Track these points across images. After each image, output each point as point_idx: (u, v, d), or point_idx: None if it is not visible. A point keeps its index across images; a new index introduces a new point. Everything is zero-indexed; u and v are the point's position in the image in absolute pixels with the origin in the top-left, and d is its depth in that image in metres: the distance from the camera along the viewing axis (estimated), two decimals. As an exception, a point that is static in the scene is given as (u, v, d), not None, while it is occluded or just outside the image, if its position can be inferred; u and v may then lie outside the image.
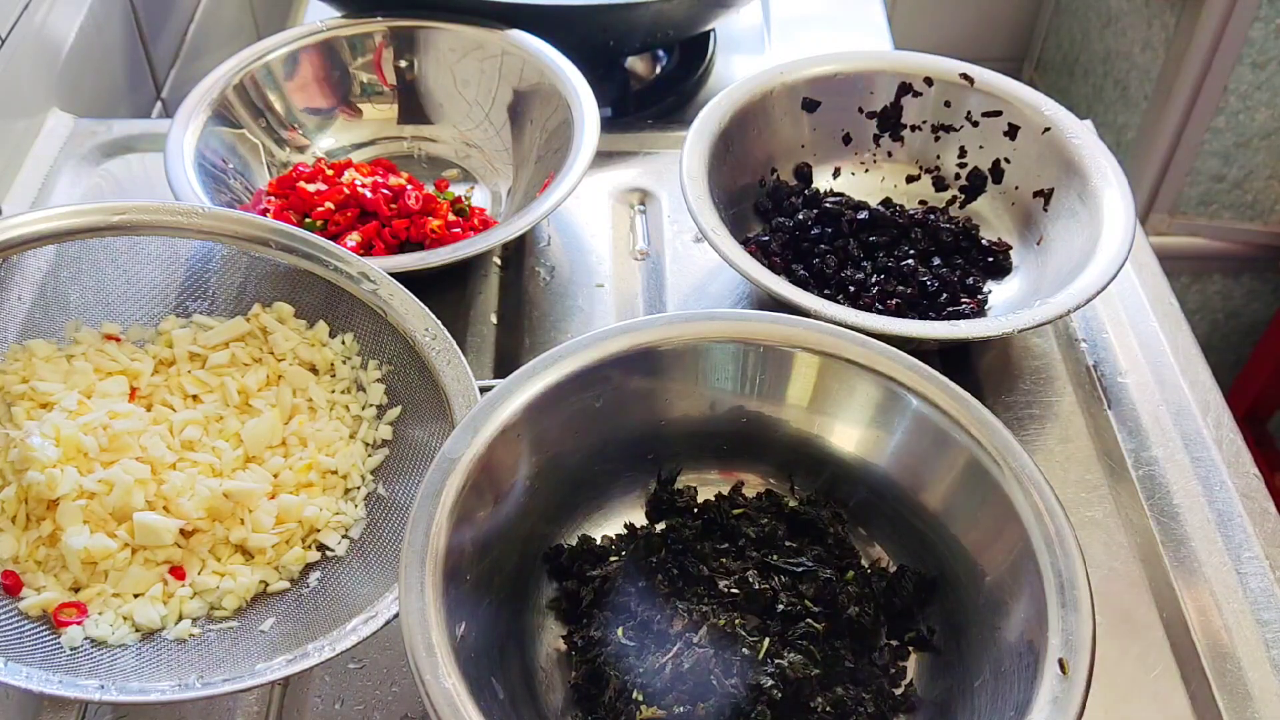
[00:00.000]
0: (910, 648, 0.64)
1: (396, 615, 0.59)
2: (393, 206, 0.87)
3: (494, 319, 0.87)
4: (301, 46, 0.97)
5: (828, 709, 0.58)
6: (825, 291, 0.83)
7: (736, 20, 1.23)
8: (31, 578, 0.63)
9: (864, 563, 0.67)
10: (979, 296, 0.85)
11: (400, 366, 0.73)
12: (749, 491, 0.70)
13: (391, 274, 0.74)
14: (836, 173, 0.94)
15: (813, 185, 0.93)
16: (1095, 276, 0.76)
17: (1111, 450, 0.78)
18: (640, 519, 0.69)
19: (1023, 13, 2.08)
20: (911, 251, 0.86)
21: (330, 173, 0.90)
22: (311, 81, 0.98)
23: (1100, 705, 0.65)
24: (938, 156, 0.93)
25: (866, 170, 0.94)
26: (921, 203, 0.93)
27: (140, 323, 0.73)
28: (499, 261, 0.91)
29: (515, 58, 0.96)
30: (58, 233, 0.69)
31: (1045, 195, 0.87)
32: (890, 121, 0.93)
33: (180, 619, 0.63)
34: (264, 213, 0.86)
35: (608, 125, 0.94)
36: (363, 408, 0.73)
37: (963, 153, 0.92)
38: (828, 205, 0.88)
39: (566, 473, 0.66)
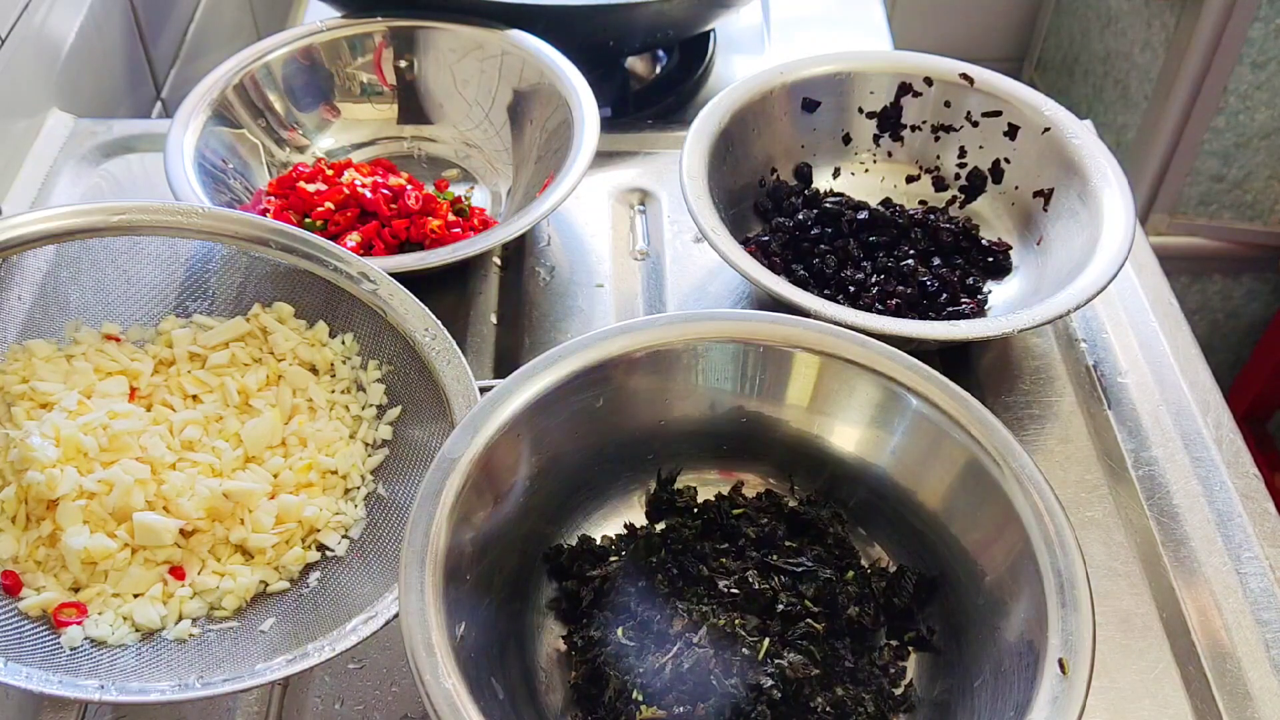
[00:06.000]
0: (910, 648, 0.64)
1: (396, 615, 0.59)
2: (393, 206, 0.87)
3: (494, 319, 0.87)
4: (301, 46, 0.97)
5: (828, 709, 0.58)
6: (825, 291, 0.83)
7: (736, 20, 1.23)
8: (31, 578, 0.63)
9: (864, 563, 0.67)
10: (979, 296, 0.85)
11: (400, 366, 0.73)
12: (749, 491, 0.70)
13: (391, 274, 0.74)
14: (836, 173, 0.94)
15: (813, 185, 0.93)
16: (1095, 276, 0.76)
17: (1111, 450, 0.78)
18: (640, 519, 0.69)
19: (1023, 13, 2.08)
20: (911, 251, 0.86)
21: (330, 173, 0.90)
22: (312, 81, 0.98)
23: (1100, 705, 0.65)
24: (938, 156, 0.93)
25: (866, 170, 0.94)
26: (921, 203, 0.93)
27: (140, 323, 0.73)
28: (499, 261, 0.91)
29: (515, 58, 0.96)
30: (58, 233, 0.69)
31: (1045, 195, 0.87)
32: (890, 121, 0.93)
33: (180, 619, 0.63)
34: (264, 213, 0.86)
35: (608, 125, 0.94)
36: (363, 408, 0.73)
37: (963, 153, 0.92)
38: (828, 205, 0.88)
39: (566, 473, 0.66)
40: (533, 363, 0.64)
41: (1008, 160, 0.90)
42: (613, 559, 0.65)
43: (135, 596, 0.63)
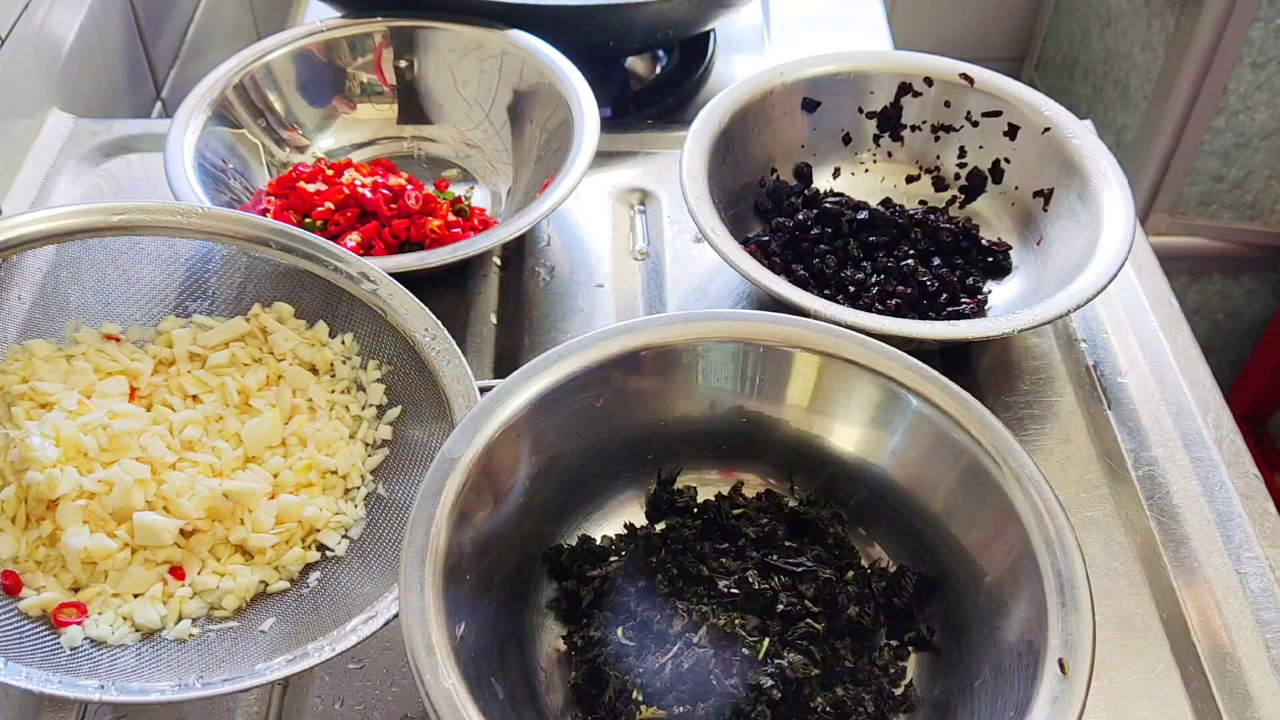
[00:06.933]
0: (910, 648, 0.64)
1: (396, 615, 0.59)
2: (393, 206, 0.87)
3: (494, 319, 0.87)
4: (301, 46, 0.97)
5: (828, 709, 0.58)
6: (825, 291, 0.83)
7: (736, 20, 1.23)
8: (31, 578, 0.63)
9: (864, 563, 0.67)
10: (979, 296, 0.85)
11: (400, 366, 0.73)
12: (749, 491, 0.70)
13: (391, 274, 0.74)
14: (836, 173, 0.94)
15: (813, 185, 0.93)
16: (1095, 276, 0.76)
17: (1111, 450, 0.78)
18: (640, 519, 0.69)
19: (1023, 13, 2.08)
20: (911, 251, 0.86)
21: (330, 173, 0.90)
22: (311, 81, 0.98)
23: (1100, 705, 0.65)
24: (938, 156, 0.93)
25: (866, 170, 0.94)
26: (921, 203, 0.93)
27: (140, 323, 0.74)
28: (499, 261, 0.91)
29: (515, 58, 0.96)
30: (58, 233, 0.69)
31: (1045, 195, 0.87)
32: (890, 121, 0.93)
33: (180, 619, 0.63)
34: (264, 213, 0.86)
35: (608, 125, 0.94)
36: (363, 408, 0.73)
37: (963, 153, 0.92)
38: (828, 205, 0.88)
39: (566, 473, 0.66)
40: (533, 363, 0.64)
41: (1008, 160, 0.90)
42: (613, 559, 0.65)
43: (135, 596, 0.63)
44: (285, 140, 0.96)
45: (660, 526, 0.68)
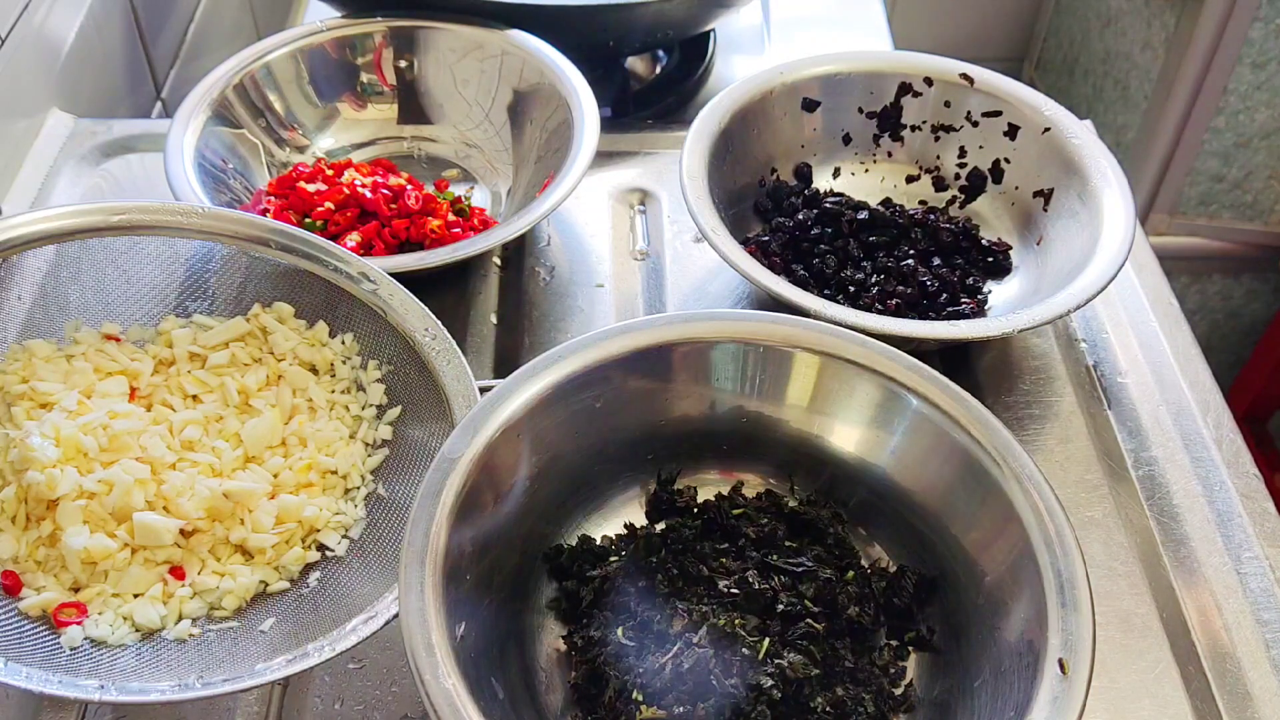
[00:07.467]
0: (910, 648, 0.64)
1: (396, 615, 0.59)
2: (393, 206, 0.87)
3: (494, 319, 0.87)
4: (301, 46, 0.97)
5: (828, 709, 0.58)
6: (825, 291, 0.83)
7: (736, 20, 1.23)
8: (31, 578, 0.63)
9: (864, 563, 0.67)
10: (979, 296, 0.85)
11: (400, 366, 0.73)
12: (749, 491, 0.70)
13: (391, 274, 0.74)
14: (836, 173, 0.94)
15: (813, 185, 0.93)
16: (1095, 276, 0.76)
17: (1111, 450, 0.78)
18: (640, 519, 0.69)
19: (1023, 13, 2.08)
20: (911, 251, 0.86)
21: (330, 173, 0.90)
22: (311, 81, 0.98)
23: (1100, 705, 0.65)
24: (938, 156, 0.93)
25: (866, 170, 0.94)
26: (921, 203, 0.93)
27: (140, 323, 0.74)
28: (499, 261, 0.91)
29: (515, 58, 0.96)
30: (58, 233, 0.69)
31: (1045, 195, 0.87)
32: (890, 121, 0.93)
33: (180, 619, 0.63)
34: (264, 213, 0.86)
35: (608, 125, 0.94)
36: (363, 408, 0.73)
37: (963, 153, 0.92)
38: (828, 205, 0.88)
39: (566, 473, 0.66)
40: (533, 363, 0.64)
41: (1008, 160, 0.90)
42: (613, 559, 0.65)
43: (135, 596, 0.63)
44: (285, 140, 0.96)
45: (660, 526, 0.68)
